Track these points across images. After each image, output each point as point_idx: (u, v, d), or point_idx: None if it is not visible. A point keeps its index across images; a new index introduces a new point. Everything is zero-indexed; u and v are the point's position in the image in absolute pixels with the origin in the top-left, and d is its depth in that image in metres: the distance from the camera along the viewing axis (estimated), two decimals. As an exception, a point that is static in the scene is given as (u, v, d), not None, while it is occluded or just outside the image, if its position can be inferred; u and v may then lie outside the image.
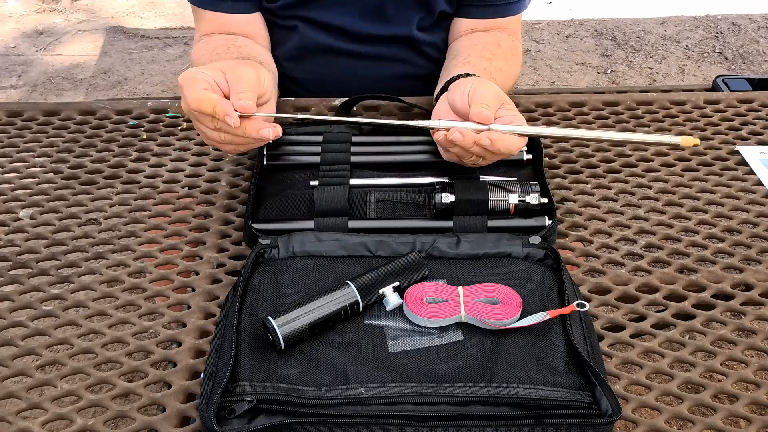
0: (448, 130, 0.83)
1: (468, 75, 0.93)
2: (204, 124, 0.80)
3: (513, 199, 0.86)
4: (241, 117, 0.78)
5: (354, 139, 0.98)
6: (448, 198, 0.86)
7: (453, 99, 0.86)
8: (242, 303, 0.75)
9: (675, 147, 1.00)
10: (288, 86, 1.19)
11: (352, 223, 0.86)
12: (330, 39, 1.13)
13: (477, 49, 1.06)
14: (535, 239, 0.83)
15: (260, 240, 0.83)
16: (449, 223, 0.86)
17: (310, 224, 0.86)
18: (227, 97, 0.79)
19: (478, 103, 0.82)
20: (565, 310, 0.74)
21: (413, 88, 1.15)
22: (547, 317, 0.73)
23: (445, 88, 0.93)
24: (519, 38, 1.15)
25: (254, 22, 1.11)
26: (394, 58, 1.16)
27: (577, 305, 0.74)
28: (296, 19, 1.12)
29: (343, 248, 0.82)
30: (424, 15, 1.12)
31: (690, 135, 1.03)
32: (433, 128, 0.85)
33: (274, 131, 0.81)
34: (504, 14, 1.12)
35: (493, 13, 1.11)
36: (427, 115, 1.08)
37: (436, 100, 0.95)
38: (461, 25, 1.14)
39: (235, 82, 0.80)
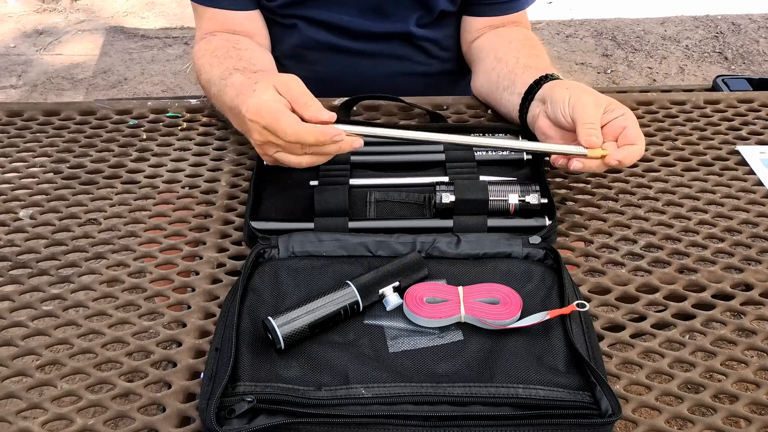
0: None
1: (548, 78, 0.94)
2: (291, 152, 0.81)
3: (513, 199, 0.86)
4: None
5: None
6: (448, 198, 0.86)
7: (555, 115, 0.89)
8: (242, 303, 0.75)
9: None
10: None
11: (352, 224, 0.86)
12: (330, 37, 1.13)
13: (518, 48, 1.07)
14: (535, 239, 0.83)
15: (260, 240, 0.83)
16: (449, 223, 0.86)
17: (310, 224, 0.86)
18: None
19: (583, 124, 0.85)
20: (565, 310, 0.74)
21: (413, 85, 1.15)
22: (547, 317, 0.73)
23: (527, 99, 0.95)
24: (530, 30, 1.16)
25: (255, 20, 1.11)
26: (394, 56, 1.16)
27: (577, 305, 0.74)
28: (296, 18, 1.12)
29: (343, 248, 0.82)
30: (423, 13, 1.12)
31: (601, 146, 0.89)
32: (532, 150, 0.91)
33: (358, 141, 0.83)
34: (516, 10, 1.14)
35: (507, 9, 1.13)
36: (427, 116, 1.08)
37: (523, 112, 0.96)
38: (476, 23, 1.14)
39: (297, 96, 0.81)
